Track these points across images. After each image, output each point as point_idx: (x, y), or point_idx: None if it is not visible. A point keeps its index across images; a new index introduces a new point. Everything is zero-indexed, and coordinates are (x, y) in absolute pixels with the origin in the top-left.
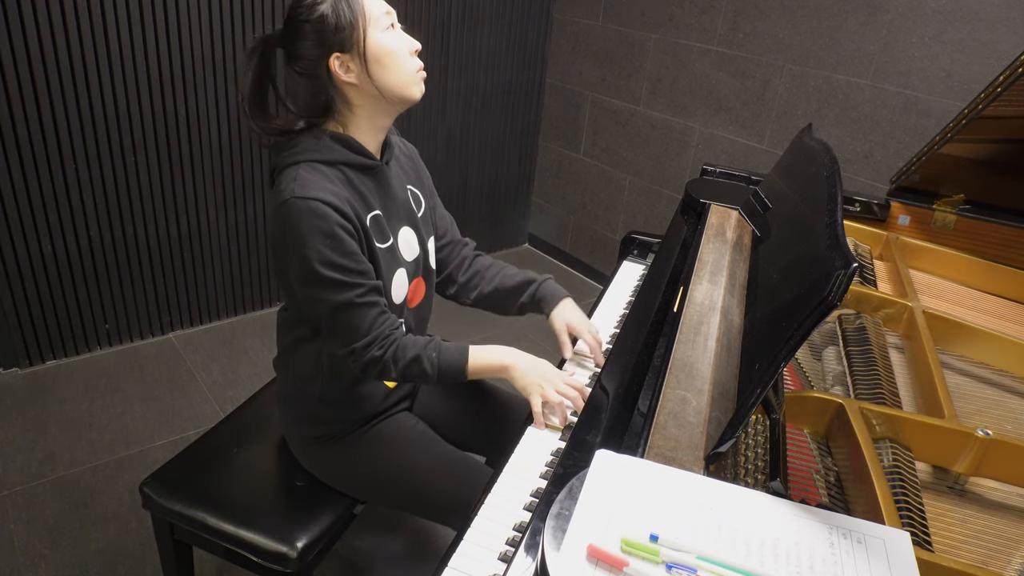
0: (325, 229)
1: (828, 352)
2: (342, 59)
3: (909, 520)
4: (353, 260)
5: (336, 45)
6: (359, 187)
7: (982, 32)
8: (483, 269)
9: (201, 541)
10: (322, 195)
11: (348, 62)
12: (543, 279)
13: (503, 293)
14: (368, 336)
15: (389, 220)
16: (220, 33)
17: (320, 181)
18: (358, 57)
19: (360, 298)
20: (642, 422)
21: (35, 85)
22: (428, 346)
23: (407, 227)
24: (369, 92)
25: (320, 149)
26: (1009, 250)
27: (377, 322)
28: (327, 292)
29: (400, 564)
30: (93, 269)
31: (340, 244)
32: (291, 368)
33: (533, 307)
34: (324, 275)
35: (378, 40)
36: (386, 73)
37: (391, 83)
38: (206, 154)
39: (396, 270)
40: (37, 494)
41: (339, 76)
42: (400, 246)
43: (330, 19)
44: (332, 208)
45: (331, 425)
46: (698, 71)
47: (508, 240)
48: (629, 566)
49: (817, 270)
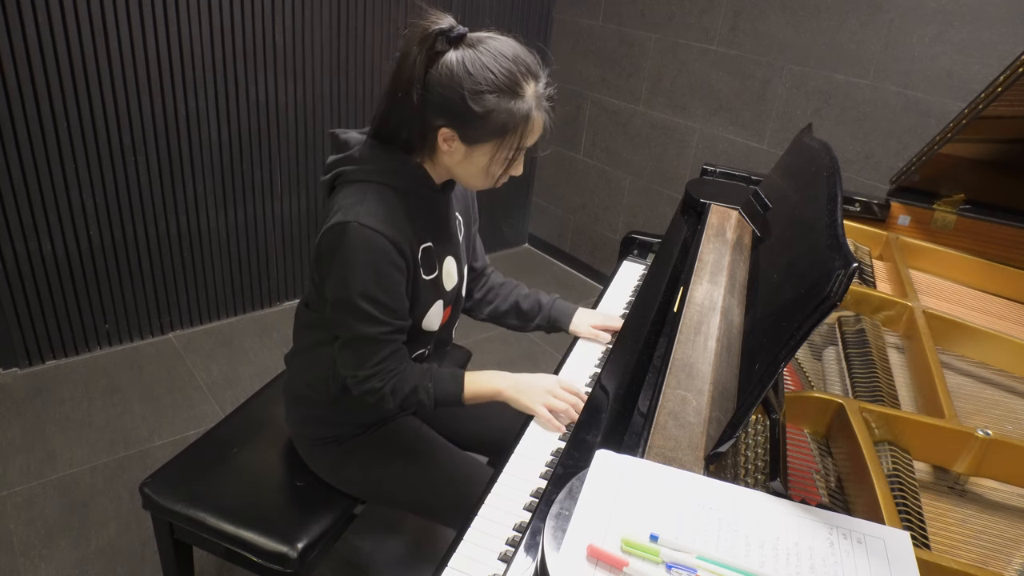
0: (377, 264)
1: (828, 352)
2: (455, 138)
3: (908, 520)
4: (393, 298)
5: (463, 132)
6: (417, 217)
7: (982, 32)
8: (497, 286)
9: (201, 541)
10: (384, 229)
11: (456, 143)
12: (552, 300)
13: (519, 313)
14: (374, 368)
15: (438, 251)
16: (220, 33)
17: (386, 211)
18: (467, 154)
19: (383, 336)
20: (642, 422)
21: (35, 85)
22: (425, 377)
23: (451, 257)
24: (450, 165)
25: (397, 176)
26: (1009, 250)
27: (388, 359)
28: (355, 321)
29: (400, 564)
30: (93, 269)
31: (386, 282)
32: (305, 367)
33: (549, 327)
34: (359, 306)
35: (491, 159)
36: (464, 174)
37: (469, 182)
38: (206, 154)
39: (435, 301)
40: (37, 494)
41: (439, 141)
42: (443, 277)
43: (487, 121)
44: (391, 243)
45: (339, 427)
46: (698, 71)
47: (508, 240)
48: (629, 566)
49: (817, 270)
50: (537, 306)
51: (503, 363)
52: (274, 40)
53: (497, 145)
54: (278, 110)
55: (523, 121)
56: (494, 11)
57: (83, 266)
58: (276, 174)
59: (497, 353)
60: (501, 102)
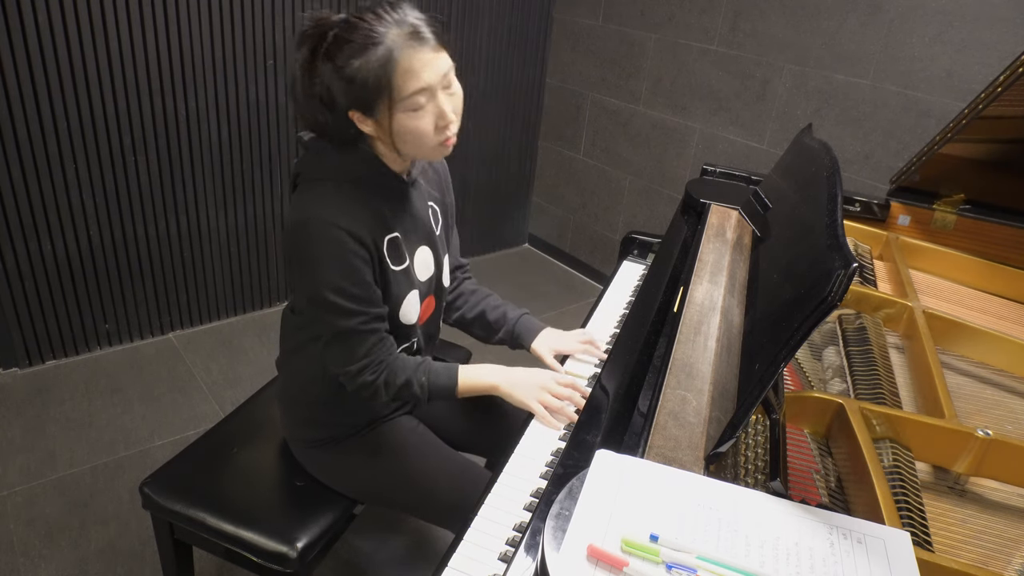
0: (339, 256)
1: (828, 352)
2: (362, 117)
3: (909, 520)
4: (362, 288)
5: (359, 106)
6: (380, 208)
7: (982, 32)
8: (467, 293)
9: (201, 541)
10: (340, 220)
11: (367, 120)
12: (519, 316)
13: (483, 323)
14: (362, 361)
15: (407, 241)
16: (220, 33)
17: (342, 204)
18: (380, 125)
19: (362, 325)
20: (642, 422)
21: (35, 85)
22: (419, 369)
23: (424, 246)
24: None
25: (349, 170)
26: (1009, 250)
27: (374, 349)
28: (331, 316)
29: (400, 564)
30: (93, 269)
31: (352, 273)
32: (295, 370)
33: (511, 343)
34: (331, 300)
35: (398, 121)
36: (402, 145)
37: (405, 151)
38: (206, 154)
39: (409, 292)
40: (37, 494)
41: (358, 125)
42: (416, 267)
43: (357, 84)
44: (350, 236)
45: (333, 428)
46: (698, 71)
47: (508, 240)
48: (629, 566)
49: (817, 270)
50: (503, 319)
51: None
52: (274, 40)
53: (392, 102)
54: (278, 110)
55: (388, 66)
56: (494, 11)
57: (83, 266)
58: (276, 174)
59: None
60: (359, 64)
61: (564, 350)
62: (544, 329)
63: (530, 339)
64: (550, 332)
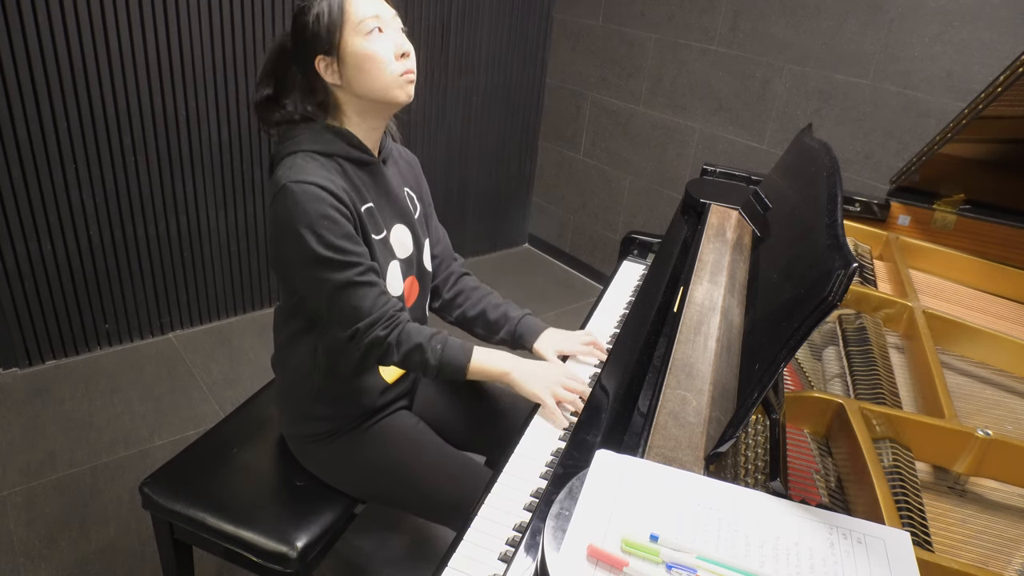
0: (321, 211)
1: (828, 352)
2: (326, 61)
3: (909, 520)
4: (350, 241)
5: (319, 48)
6: (354, 179)
7: (982, 32)
8: (468, 290)
9: (201, 541)
10: (318, 180)
11: (331, 64)
12: (521, 316)
13: (485, 322)
14: (371, 316)
15: (383, 214)
16: (220, 33)
17: (316, 168)
18: (343, 64)
19: (360, 276)
20: (642, 422)
21: (35, 85)
22: (434, 337)
23: (401, 224)
24: (353, 94)
25: (317, 140)
26: (1009, 250)
27: (379, 302)
28: (326, 272)
29: (400, 564)
30: (93, 269)
31: (336, 225)
32: (287, 364)
33: (513, 343)
34: (322, 255)
35: (357, 45)
36: (365, 78)
37: (370, 88)
38: (206, 154)
39: (390, 262)
40: (37, 494)
41: (324, 77)
42: (392, 241)
43: (312, 23)
44: (326, 191)
45: (329, 422)
46: (698, 71)
47: (508, 240)
48: (629, 566)
49: (817, 270)
50: (504, 318)
51: None
52: (274, 40)
53: (345, 31)
54: None
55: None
56: (493, 11)
57: (83, 266)
58: None
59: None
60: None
61: (567, 351)
62: (547, 329)
63: (532, 339)
64: (553, 332)
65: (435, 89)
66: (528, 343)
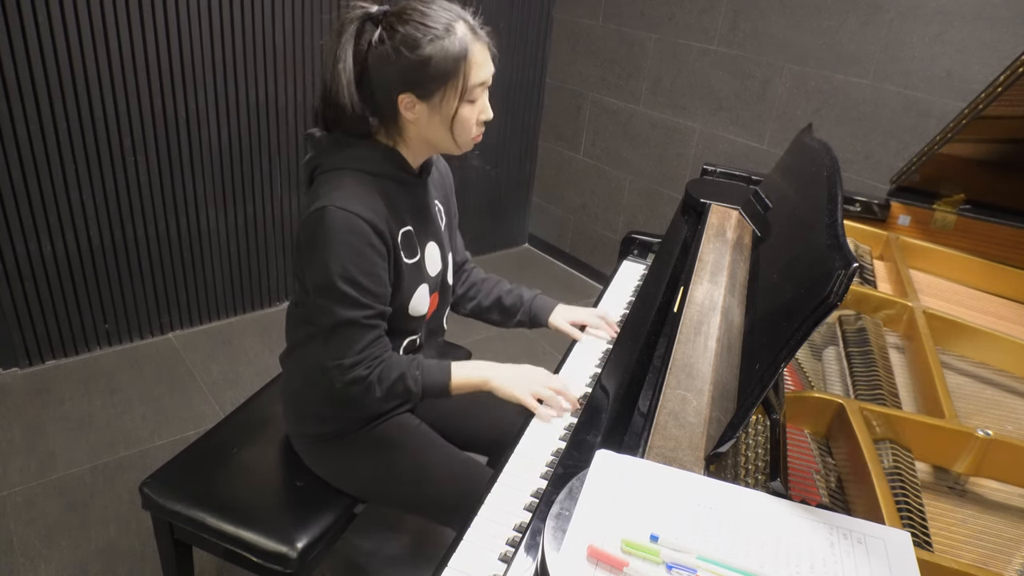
0: (355, 245)
1: (828, 352)
2: (412, 100)
3: (909, 520)
4: (372, 281)
5: (414, 89)
6: (396, 201)
7: (982, 32)
8: (479, 282)
9: (201, 541)
10: (361, 211)
11: (415, 104)
12: (533, 296)
13: (501, 309)
14: (358, 356)
15: (419, 236)
16: (220, 33)
17: (362, 194)
18: (431, 111)
19: (365, 319)
20: (642, 422)
21: (35, 85)
22: (411, 365)
23: (433, 242)
24: (422, 135)
25: (369, 160)
26: (1009, 250)
27: (371, 344)
28: (337, 305)
29: (400, 564)
30: (93, 269)
31: (366, 263)
32: (298, 365)
33: (530, 324)
34: (340, 288)
35: (453, 107)
36: (443, 133)
37: (441, 140)
38: (206, 154)
39: (419, 285)
40: (37, 494)
41: (401, 110)
42: (426, 261)
43: (431, 67)
44: (369, 225)
45: (335, 423)
46: (698, 71)
47: (508, 240)
48: (629, 566)
49: (817, 270)
50: (519, 301)
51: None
52: (274, 40)
53: (452, 88)
54: (278, 110)
55: (463, 55)
56: (493, 11)
57: (83, 266)
58: (276, 174)
59: (498, 352)
60: (437, 47)
61: (580, 320)
62: (558, 304)
63: (546, 315)
64: (564, 306)
65: None
66: (543, 319)
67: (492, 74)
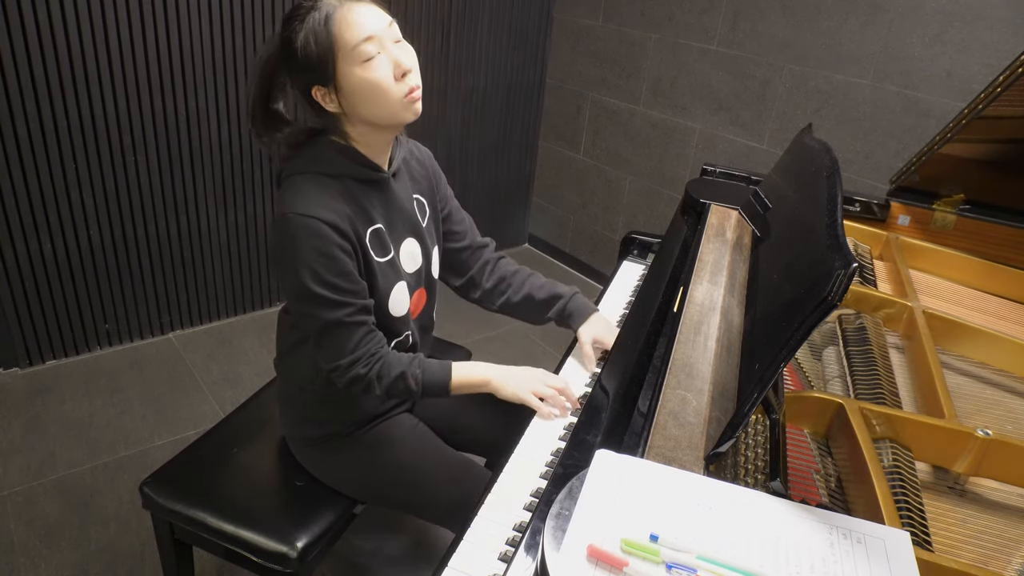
0: (320, 248)
1: (828, 352)
2: (323, 91)
3: (909, 520)
4: (346, 280)
5: (314, 80)
6: (362, 200)
7: (982, 32)
8: (508, 275)
9: (201, 541)
10: (321, 213)
11: (328, 94)
12: (571, 294)
13: (532, 305)
14: (353, 354)
15: (392, 233)
16: (220, 33)
17: (321, 196)
18: (344, 93)
19: (349, 317)
20: (642, 422)
21: (35, 85)
22: (412, 363)
23: (411, 238)
24: (358, 120)
25: (324, 161)
26: (1009, 250)
27: (363, 341)
28: (317, 309)
29: (400, 564)
30: (93, 269)
31: (334, 263)
32: (291, 369)
33: (562, 322)
34: (315, 292)
35: (354, 75)
36: (368, 106)
37: (375, 114)
38: (206, 154)
39: (396, 283)
40: (37, 494)
41: (324, 106)
42: (402, 259)
43: (300, 55)
44: (330, 226)
45: (331, 426)
46: (698, 71)
47: (508, 240)
48: (629, 566)
49: (817, 270)
50: (553, 298)
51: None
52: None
53: (341, 60)
54: None
55: (328, 23)
56: (493, 11)
57: (83, 266)
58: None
59: (497, 353)
60: (307, 29)
61: (605, 345)
62: (595, 314)
63: (580, 322)
64: (598, 320)
65: (435, 89)
66: (575, 324)
67: (386, 24)
